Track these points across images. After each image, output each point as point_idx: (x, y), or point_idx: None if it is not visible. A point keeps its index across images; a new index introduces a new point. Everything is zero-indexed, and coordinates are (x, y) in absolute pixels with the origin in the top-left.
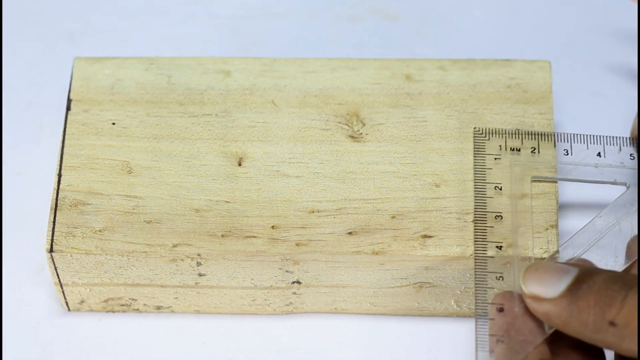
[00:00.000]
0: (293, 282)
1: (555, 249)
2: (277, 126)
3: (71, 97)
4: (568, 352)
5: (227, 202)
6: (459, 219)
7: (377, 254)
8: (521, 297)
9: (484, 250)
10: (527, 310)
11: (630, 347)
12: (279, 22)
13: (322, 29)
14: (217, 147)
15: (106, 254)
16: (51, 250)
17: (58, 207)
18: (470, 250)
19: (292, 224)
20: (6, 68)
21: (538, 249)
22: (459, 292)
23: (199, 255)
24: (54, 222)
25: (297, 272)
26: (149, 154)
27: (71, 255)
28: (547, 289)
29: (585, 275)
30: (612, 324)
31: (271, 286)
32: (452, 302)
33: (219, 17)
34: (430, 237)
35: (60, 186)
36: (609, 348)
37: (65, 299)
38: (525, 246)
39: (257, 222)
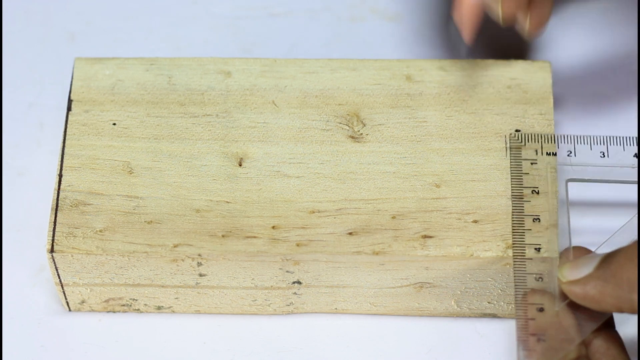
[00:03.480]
0: (293, 282)
1: (556, 248)
2: (278, 126)
3: (72, 98)
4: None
5: (228, 202)
6: (459, 219)
7: (377, 254)
8: (561, 297)
9: (522, 253)
10: (568, 309)
11: None
12: (279, 22)
13: (322, 29)
14: (218, 147)
15: (107, 254)
16: (52, 251)
17: (59, 208)
18: (470, 250)
19: (292, 224)
20: (7, 68)
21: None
22: (459, 292)
23: (199, 255)
24: (54, 222)
25: (297, 272)
26: (149, 154)
27: (72, 256)
28: (581, 270)
29: (614, 251)
30: None
31: (272, 286)
32: (452, 302)
33: (219, 17)
34: (430, 237)
35: (61, 186)
36: None
37: (65, 299)
38: (561, 246)
39: (257, 222)
